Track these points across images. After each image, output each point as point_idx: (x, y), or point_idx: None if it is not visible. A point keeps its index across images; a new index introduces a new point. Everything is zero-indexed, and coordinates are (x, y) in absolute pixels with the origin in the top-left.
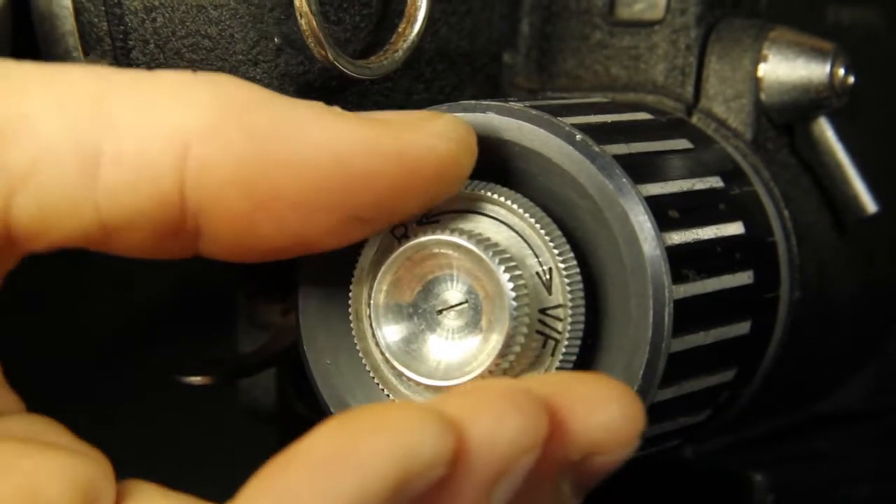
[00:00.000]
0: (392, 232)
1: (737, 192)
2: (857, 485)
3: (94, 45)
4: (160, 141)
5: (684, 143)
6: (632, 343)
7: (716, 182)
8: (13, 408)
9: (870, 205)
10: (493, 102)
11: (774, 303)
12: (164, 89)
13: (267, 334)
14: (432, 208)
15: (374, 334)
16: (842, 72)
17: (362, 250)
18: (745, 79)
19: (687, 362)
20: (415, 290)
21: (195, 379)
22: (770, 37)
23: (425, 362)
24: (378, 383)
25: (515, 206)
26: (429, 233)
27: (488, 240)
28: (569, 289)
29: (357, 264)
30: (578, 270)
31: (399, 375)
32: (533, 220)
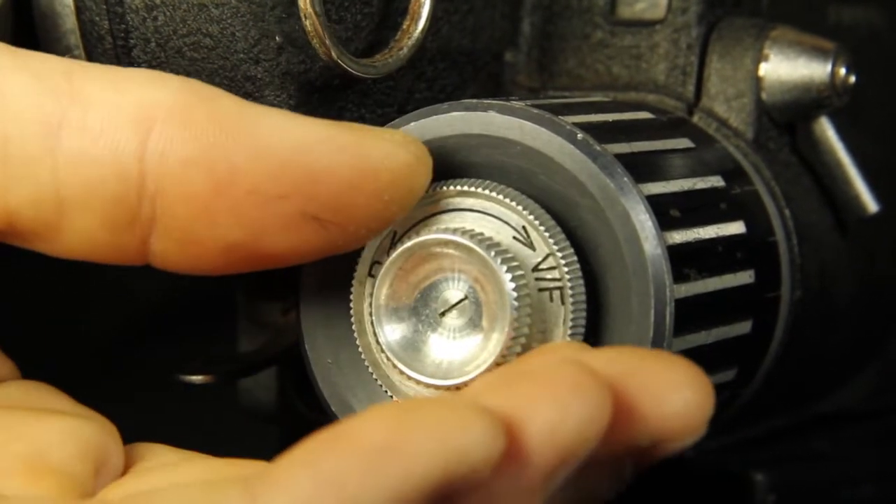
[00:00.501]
0: (392, 231)
1: (738, 192)
2: (858, 485)
3: (95, 44)
4: (126, 114)
5: (685, 143)
6: (633, 342)
7: (717, 181)
8: (9, 375)
9: (871, 204)
10: (494, 101)
11: (775, 302)
12: (134, 75)
13: (267, 333)
14: (431, 207)
15: (375, 333)
16: (843, 71)
17: (363, 249)
18: (746, 78)
19: None
20: (416, 288)
21: (196, 378)
22: (771, 36)
23: (426, 361)
24: (379, 382)
25: (515, 205)
26: (429, 232)
27: (489, 238)
28: (568, 276)
29: (358, 263)
30: (576, 258)
31: (400, 374)
32: (529, 214)
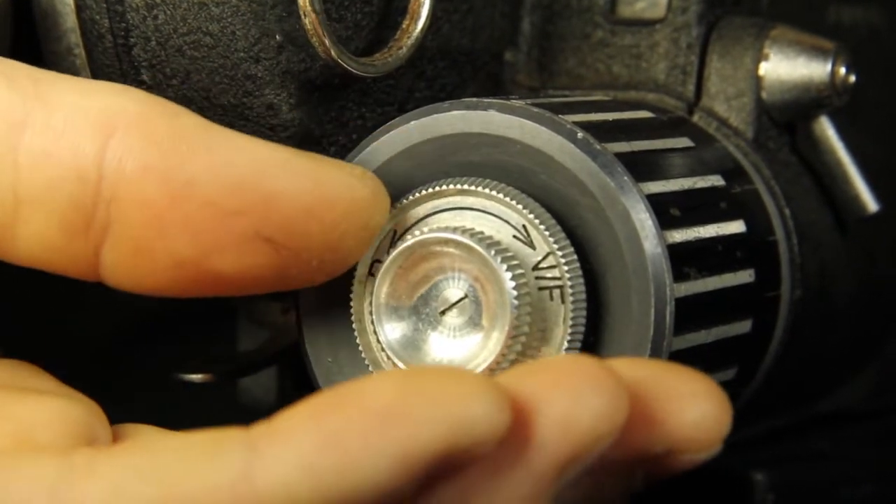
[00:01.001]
0: (393, 230)
1: (738, 191)
2: (858, 484)
3: (95, 42)
4: (88, 119)
5: (685, 142)
6: (633, 341)
7: (717, 180)
8: None
9: (871, 204)
10: (494, 100)
11: (775, 302)
12: (101, 84)
13: (267, 333)
14: (431, 206)
15: (375, 332)
16: (843, 71)
17: None
18: (746, 77)
19: (688, 361)
20: (416, 287)
21: (195, 377)
22: (771, 35)
23: (427, 360)
24: None
25: (516, 203)
26: (429, 230)
27: (489, 237)
28: (568, 274)
29: (358, 263)
30: (576, 256)
31: None
32: (529, 213)
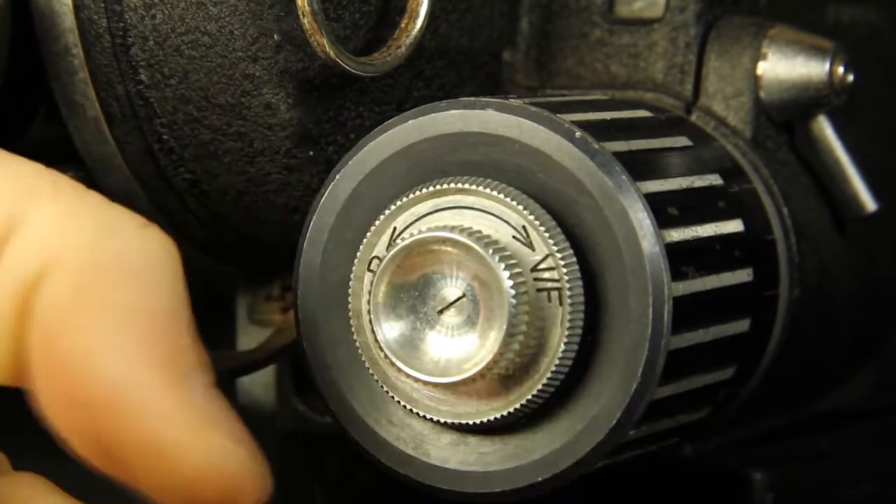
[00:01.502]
0: (392, 228)
1: (736, 190)
2: (858, 484)
3: (93, 42)
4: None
5: (683, 141)
6: (631, 340)
7: (715, 180)
8: None
9: (869, 203)
10: (492, 99)
11: (774, 301)
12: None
13: (266, 331)
14: (430, 205)
15: (373, 331)
16: (841, 70)
17: (361, 247)
18: (744, 77)
19: (686, 360)
20: (413, 286)
21: None
22: (769, 35)
23: (424, 359)
24: (377, 380)
25: (516, 204)
26: (428, 229)
27: (487, 237)
28: (566, 277)
29: (356, 261)
30: (575, 259)
31: (398, 372)
32: (529, 214)
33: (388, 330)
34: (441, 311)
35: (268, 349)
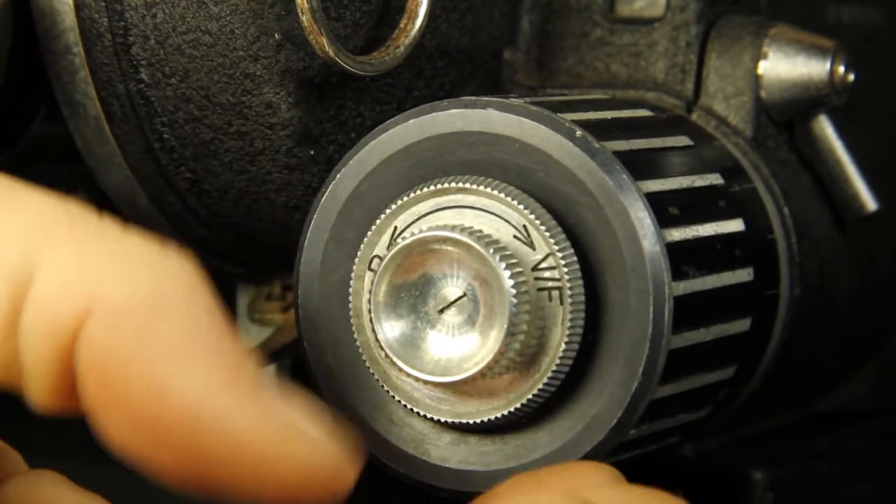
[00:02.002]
0: (393, 227)
1: (737, 190)
2: (857, 483)
3: (94, 41)
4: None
5: (684, 140)
6: (632, 340)
7: (716, 179)
8: (15, 468)
9: (870, 203)
10: (493, 98)
11: (774, 300)
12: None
13: (267, 331)
14: (431, 204)
15: (373, 330)
16: (842, 69)
17: (362, 246)
18: (745, 76)
19: (687, 359)
20: (414, 286)
21: None
22: (770, 34)
23: (425, 358)
24: (377, 379)
25: (517, 203)
26: (429, 228)
27: (488, 236)
28: (567, 276)
29: (357, 260)
30: (576, 258)
31: (399, 371)
32: (530, 214)
33: (388, 329)
34: (442, 311)
35: (268, 348)
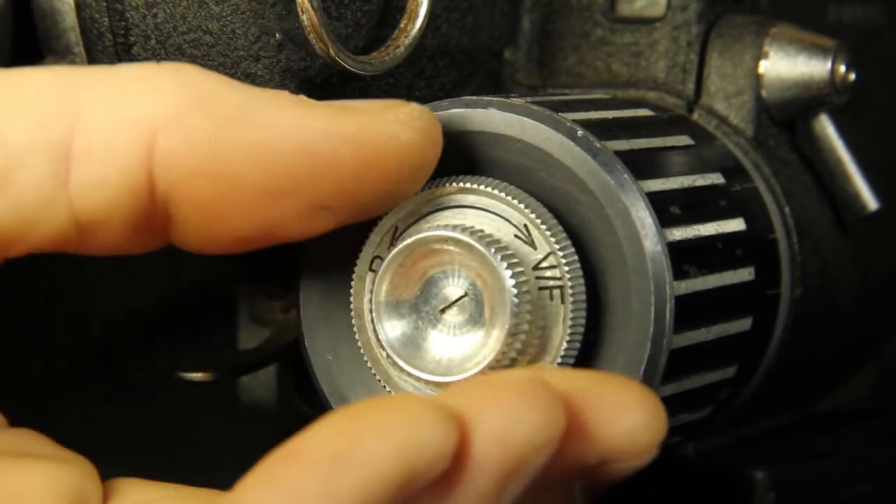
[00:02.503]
0: (394, 227)
1: (738, 189)
2: (858, 483)
3: (94, 41)
4: (127, 133)
5: (685, 140)
6: (633, 339)
7: (717, 178)
8: None
9: (871, 202)
10: (494, 98)
11: (775, 300)
12: (128, 82)
13: (268, 331)
14: (432, 204)
15: (375, 330)
16: (843, 68)
17: (363, 247)
18: (746, 75)
19: (688, 359)
20: (416, 285)
21: (195, 375)
22: (771, 33)
23: (427, 358)
24: (379, 379)
25: (517, 203)
26: (430, 228)
27: (489, 236)
28: (568, 275)
29: (358, 260)
30: (577, 257)
31: (400, 371)
32: (530, 213)
33: (390, 329)
34: (443, 310)
35: (269, 348)
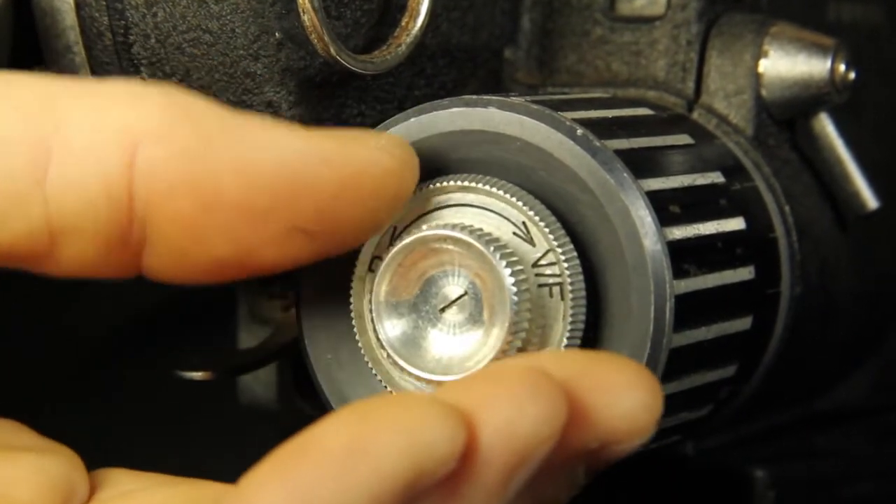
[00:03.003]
0: (393, 227)
1: (738, 188)
2: (858, 481)
3: (94, 40)
4: (110, 138)
5: (685, 139)
6: (633, 338)
7: (717, 177)
8: None
9: (870, 201)
10: (494, 97)
11: (775, 298)
12: (115, 93)
13: (268, 330)
14: (431, 203)
15: (375, 329)
16: (843, 67)
17: (363, 245)
18: (745, 74)
19: (688, 357)
20: (415, 285)
21: (195, 374)
22: (771, 32)
23: (427, 357)
24: (379, 378)
25: (516, 200)
26: (429, 227)
27: (488, 234)
28: (568, 272)
29: (358, 259)
30: (576, 254)
31: (401, 370)
32: (529, 210)
33: (390, 329)
34: (443, 310)
35: (269, 347)
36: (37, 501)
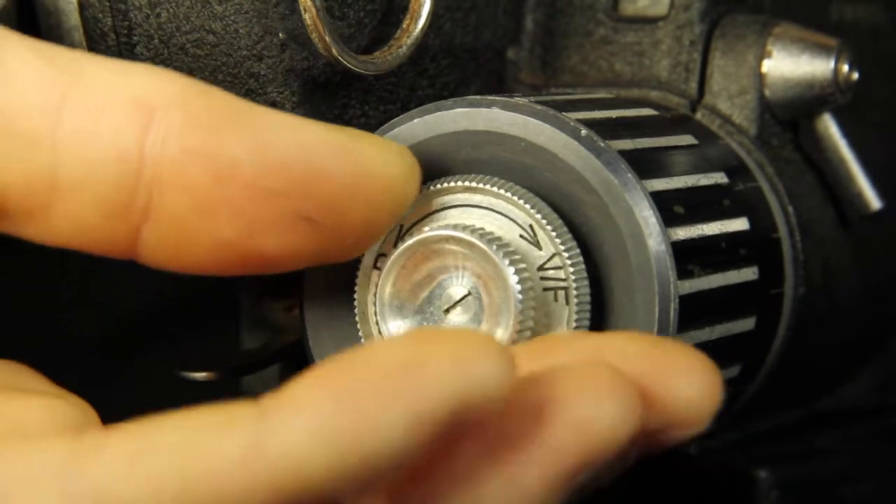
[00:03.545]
0: (399, 226)
1: (741, 188)
2: (861, 481)
3: (98, 41)
4: (129, 97)
5: (689, 139)
6: None
7: (720, 178)
8: None
9: (874, 201)
10: (498, 97)
11: (779, 299)
12: (136, 65)
13: (271, 330)
14: (437, 202)
15: (379, 330)
16: (846, 68)
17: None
18: (749, 75)
19: None
20: (419, 285)
21: (199, 375)
22: (774, 33)
23: None
24: None
25: (523, 203)
26: (434, 228)
27: (492, 234)
28: (573, 276)
29: (361, 260)
30: (582, 258)
31: None
32: (536, 213)
33: (394, 328)
34: (447, 310)
35: (272, 349)
36: (49, 432)
